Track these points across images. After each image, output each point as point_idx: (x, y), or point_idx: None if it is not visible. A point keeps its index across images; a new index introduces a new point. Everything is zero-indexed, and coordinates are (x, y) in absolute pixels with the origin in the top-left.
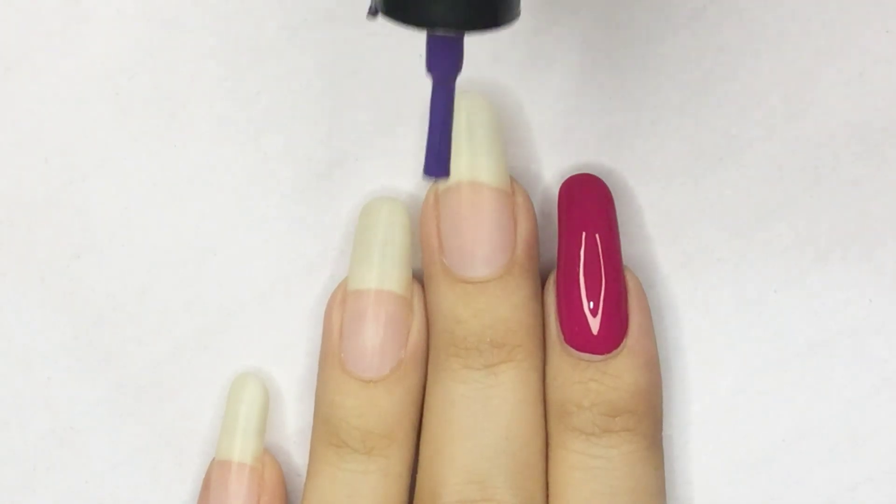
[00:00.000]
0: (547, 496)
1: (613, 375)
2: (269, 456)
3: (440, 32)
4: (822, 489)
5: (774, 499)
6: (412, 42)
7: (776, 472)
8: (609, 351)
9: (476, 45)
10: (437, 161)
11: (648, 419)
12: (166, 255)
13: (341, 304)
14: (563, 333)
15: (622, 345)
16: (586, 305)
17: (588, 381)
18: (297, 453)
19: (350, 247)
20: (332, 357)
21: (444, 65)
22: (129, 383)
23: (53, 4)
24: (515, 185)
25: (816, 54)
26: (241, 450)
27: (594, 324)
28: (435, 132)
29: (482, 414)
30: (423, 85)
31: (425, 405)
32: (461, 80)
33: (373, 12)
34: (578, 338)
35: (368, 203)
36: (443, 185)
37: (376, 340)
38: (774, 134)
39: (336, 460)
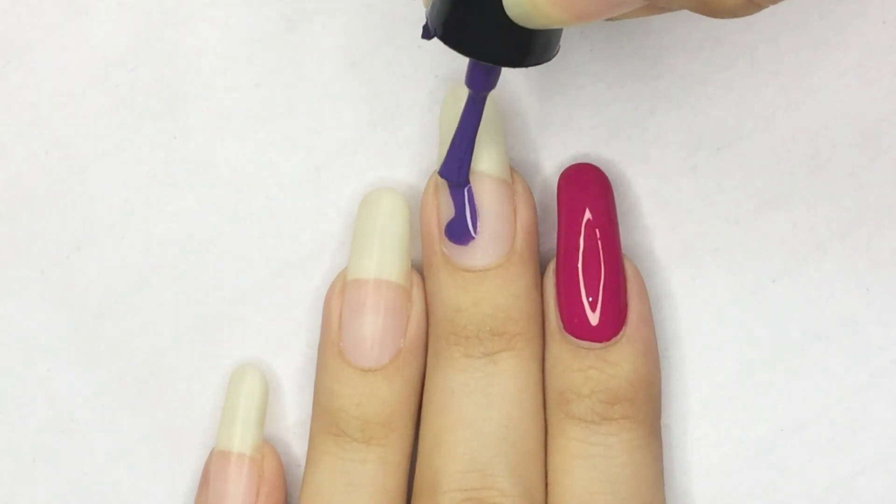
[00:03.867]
0: (546, 484)
1: (613, 363)
2: (269, 446)
3: (485, 63)
4: (820, 479)
5: (773, 488)
6: (411, 34)
7: (774, 462)
8: (608, 339)
9: None
10: (459, 166)
11: (647, 407)
12: (166, 246)
13: (340, 294)
14: (563, 322)
15: (621, 333)
16: (585, 294)
17: (587, 369)
18: (297, 444)
19: (349, 237)
20: (331, 346)
21: (482, 84)
22: (129, 374)
23: None
24: (515, 175)
25: (814, 45)
26: (241, 440)
27: (593, 312)
28: (461, 138)
29: (482, 402)
30: (422, 78)
31: (425, 394)
32: (453, 73)
33: (427, 35)
34: (578, 326)
35: (368, 194)
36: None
37: (375, 330)
38: (772, 124)
39: (335, 449)
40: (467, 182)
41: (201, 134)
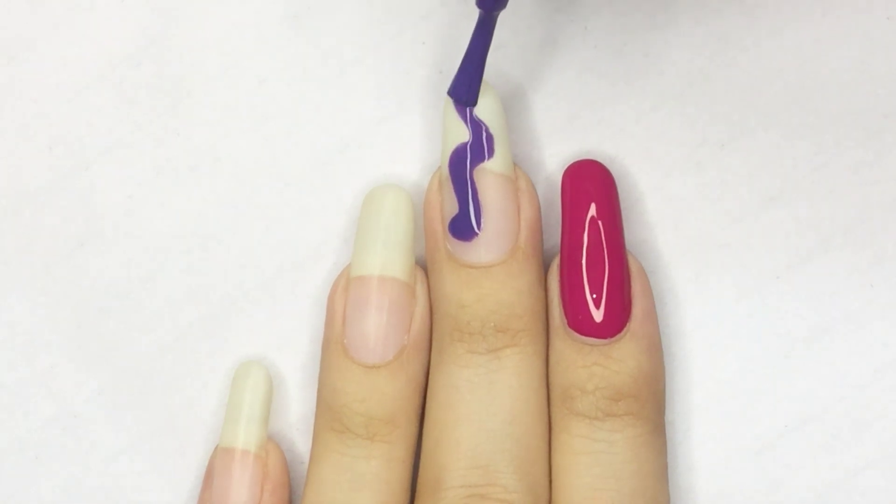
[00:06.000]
0: (550, 480)
1: (617, 359)
2: (273, 443)
3: None
4: (824, 475)
5: (777, 485)
6: (415, 30)
7: (778, 458)
8: (612, 335)
9: None
10: (469, 87)
11: (651, 403)
12: (170, 242)
13: (344, 291)
14: (567, 318)
15: (625, 329)
16: (589, 290)
17: (591, 366)
18: (301, 440)
19: (353, 234)
20: (335, 343)
21: (492, 3)
22: (132, 371)
23: None
24: (518, 171)
25: (817, 41)
26: (245, 437)
27: (597, 308)
28: (471, 59)
29: (486, 399)
30: (426, 74)
31: (429, 391)
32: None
33: None
34: (582, 322)
35: (372, 190)
36: (446, 171)
37: (379, 326)
38: (776, 120)
39: (339, 446)
40: (475, 103)
41: (205, 130)
